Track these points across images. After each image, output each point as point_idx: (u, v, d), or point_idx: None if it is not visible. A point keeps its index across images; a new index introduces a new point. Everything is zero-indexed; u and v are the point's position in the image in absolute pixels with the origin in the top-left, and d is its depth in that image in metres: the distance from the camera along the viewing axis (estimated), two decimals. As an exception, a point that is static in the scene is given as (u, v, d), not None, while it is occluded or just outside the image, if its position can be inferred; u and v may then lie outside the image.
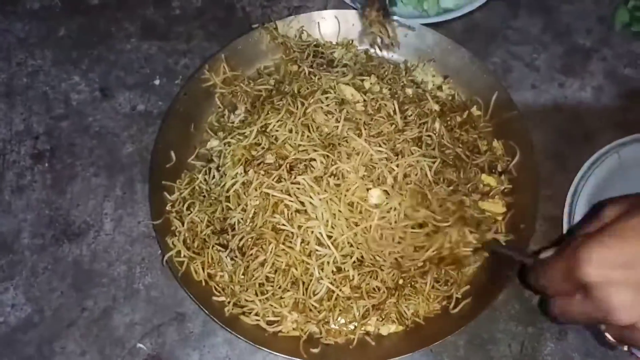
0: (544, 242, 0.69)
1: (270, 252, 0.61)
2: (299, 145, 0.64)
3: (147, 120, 0.78)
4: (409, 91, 0.71)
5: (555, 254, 0.46)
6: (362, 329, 0.62)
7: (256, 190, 0.62)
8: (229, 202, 0.64)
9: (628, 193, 0.67)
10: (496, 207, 0.68)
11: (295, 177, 0.61)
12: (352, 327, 0.63)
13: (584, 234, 0.44)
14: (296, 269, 0.60)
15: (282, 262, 0.61)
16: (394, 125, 0.66)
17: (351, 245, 0.60)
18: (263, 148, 0.65)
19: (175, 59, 0.83)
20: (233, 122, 0.73)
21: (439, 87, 0.76)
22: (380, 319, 0.63)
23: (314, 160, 0.62)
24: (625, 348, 0.47)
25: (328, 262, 0.60)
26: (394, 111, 0.67)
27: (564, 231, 0.67)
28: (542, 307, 0.65)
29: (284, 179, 0.61)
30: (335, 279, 0.61)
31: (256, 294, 0.62)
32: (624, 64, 0.82)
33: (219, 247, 0.64)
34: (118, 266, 0.68)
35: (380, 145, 0.63)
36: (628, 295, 0.41)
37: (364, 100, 0.67)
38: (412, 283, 0.63)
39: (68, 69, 0.82)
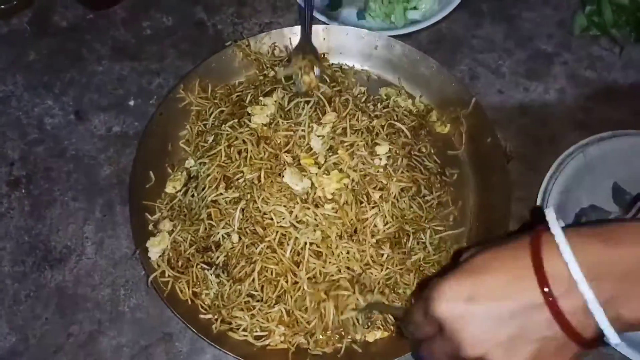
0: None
1: (260, 255, 0.62)
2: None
3: (124, 141, 0.78)
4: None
5: (417, 298, 0.49)
6: (349, 337, 0.64)
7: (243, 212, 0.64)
8: (212, 219, 0.65)
9: (595, 190, 0.72)
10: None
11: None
12: (339, 337, 0.64)
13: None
14: (287, 281, 0.62)
15: (272, 271, 0.62)
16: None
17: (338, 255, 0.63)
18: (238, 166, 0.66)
19: (149, 78, 0.83)
20: (207, 142, 0.74)
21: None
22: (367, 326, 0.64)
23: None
24: None
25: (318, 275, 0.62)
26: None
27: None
28: (413, 354, 0.63)
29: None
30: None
31: (242, 310, 0.63)
32: (584, 66, 0.85)
33: (204, 265, 0.65)
34: (102, 289, 0.68)
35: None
36: (474, 329, 0.42)
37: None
38: (395, 289, 0.65)
39: (40, 93, 0.81)
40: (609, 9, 0.84)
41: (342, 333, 0.63)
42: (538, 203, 0.71)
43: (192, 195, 0.69)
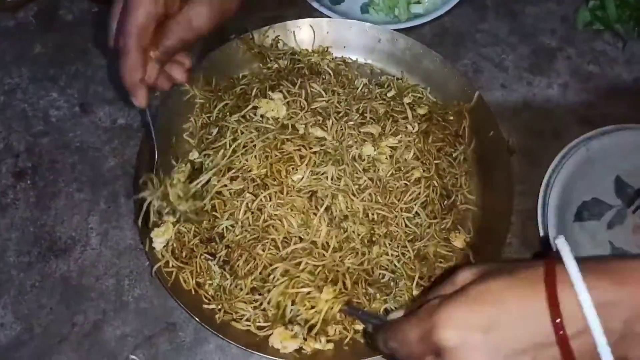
0: (519, 236, 0.72)
1: (264, 252, 0.63)
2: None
3: (128, 133, 0.78)
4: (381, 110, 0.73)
5: (410, 315, 0.45)
6: (352, 327, 0.64)
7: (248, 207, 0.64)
8: (216, 211, 0.66)
9: (597, 183, 0.72)
10: (458, 241, 0.69)
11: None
12: (342, 327, 0.64)
13: (439, 296, 0.44)
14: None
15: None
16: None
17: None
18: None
19: (154, 72, 0.83)
20: (211, 134, 0.74)
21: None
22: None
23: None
24: None
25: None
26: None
27: (539, 224, 0.69)
28: None
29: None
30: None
31: (245, 303, 0.64)
32: (588, 61, 0.85)
33: (207, 256, 0.66)
34: (106, 280, 0.69)
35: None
36: (484, 359, 0.40)
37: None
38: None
39: (46, 86, 0.82)
40: (613, 3, 0.84)
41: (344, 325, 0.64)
42: (540, 196, 0.71)
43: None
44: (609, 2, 0.85)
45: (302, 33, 0.81)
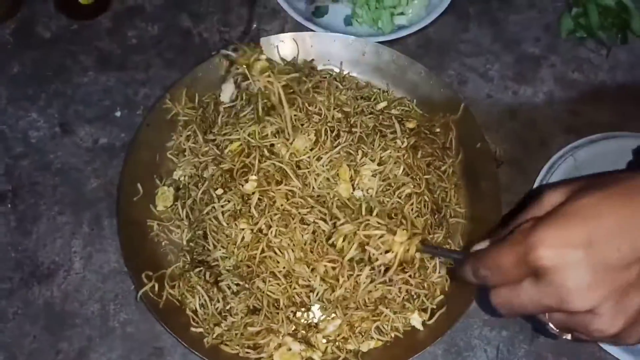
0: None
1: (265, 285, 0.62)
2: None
3: (111, 153, 0.77)
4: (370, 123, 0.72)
5: (499, 242, 0.43)
6: (344, 346, 0.63)
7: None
8: (207, 238, 0.65)
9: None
10: None
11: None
12: (335, 346, 0.63)
13: (531, 219, 0.42)
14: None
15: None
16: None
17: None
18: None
19: (135, 89, 0.82)
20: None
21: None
22: (361, 336, 0.64)
23: None
24: (569, 336, 0.44)
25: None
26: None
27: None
28: (481, 302, 0.64)
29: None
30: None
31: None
32: (572, 69, 0.85)
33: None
34: (91, 305, 0.67)
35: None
36: (586, 277, 0.38)
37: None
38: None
39: (25, 106, 0.80)
40: (595, 11, 0.85)
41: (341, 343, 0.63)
42: (529, 207, 0.71)
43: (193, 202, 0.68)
44: (591, 9, 0.85)
45: (286, 47, 0.80)
